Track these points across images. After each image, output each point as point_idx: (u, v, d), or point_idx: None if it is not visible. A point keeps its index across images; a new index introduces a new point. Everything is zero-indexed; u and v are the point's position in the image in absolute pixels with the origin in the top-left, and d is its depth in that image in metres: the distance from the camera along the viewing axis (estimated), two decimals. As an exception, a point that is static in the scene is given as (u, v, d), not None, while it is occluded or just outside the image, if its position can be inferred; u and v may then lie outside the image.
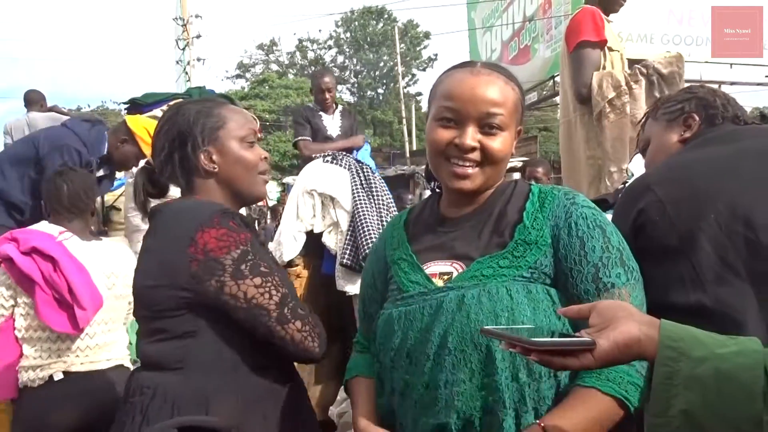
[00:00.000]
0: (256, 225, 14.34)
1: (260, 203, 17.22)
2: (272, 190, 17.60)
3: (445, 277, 1.24)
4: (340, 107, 4.38)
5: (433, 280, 1.25)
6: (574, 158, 3.12)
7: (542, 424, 1.06)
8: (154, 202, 1.56)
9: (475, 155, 1.24)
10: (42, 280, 2.22)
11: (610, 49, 3.09)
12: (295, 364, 1.53)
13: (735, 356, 0.83)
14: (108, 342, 2.40)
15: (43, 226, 2.37)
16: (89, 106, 37.47)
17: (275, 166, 26.99)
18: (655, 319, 0.90)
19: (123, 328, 2.53)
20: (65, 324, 2.24)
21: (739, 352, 0.83)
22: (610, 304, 0.95)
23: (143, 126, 3.28)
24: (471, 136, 1.23)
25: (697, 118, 1.57)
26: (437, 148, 1.27)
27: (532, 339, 0.87)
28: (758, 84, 11.97)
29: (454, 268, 1.25)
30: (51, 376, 2.25)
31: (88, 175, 2.54)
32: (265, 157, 1.56)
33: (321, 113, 4.24)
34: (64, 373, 2.27)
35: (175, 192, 1.59)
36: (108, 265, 2.41)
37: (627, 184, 2.11)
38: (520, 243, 1.21)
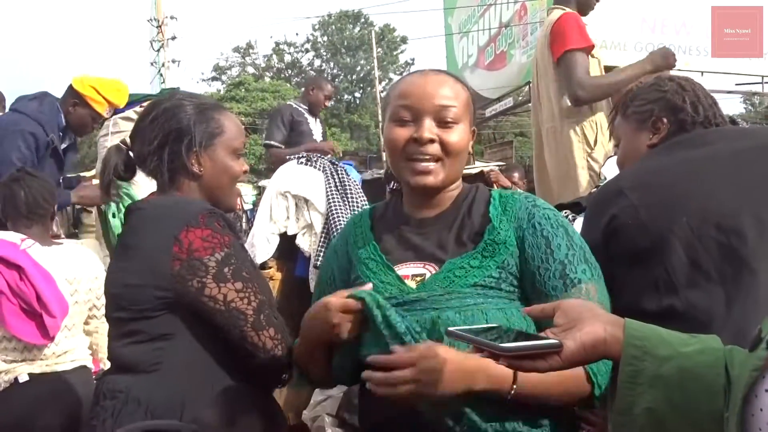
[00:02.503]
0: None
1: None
2: (248, 193, 17.43)
3: (418, 278, 1.25)
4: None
5: (406, 281, 1.25)
6: (567, 165, 3.08)
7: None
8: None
9: (434, 148, 1.26)
10: (8, 289, 2.17)
11: (592, 55, 3.08)
12: None
13: (697, 354, 0.84)
14: (72, 347, 2.37)
15: (4, 235, 2.30)
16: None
17: (251, 170, 26.80)
18: (620, 318, 0.91)
19: (82, 332, 2.49)
20: (35, 334, 2.20)
21: (702, 350, 0.84)
22: (575, 304, 0.96)
23: (89, 85, 3.24)
24: (428, 129, 1.25)
25: (665, 122, 1.57)
26: (396, 147, 1.29)
27: (501, 345, 0.87)
28: (728, 92, 12.18)
29: (426, 269, 1.26)
30: (16, 379, 2.21)
31: (45, 180, 2.47)
32: (245, 171, 1.58)
33: (306, 115, 4.22)
34: (30, 375, 2.23)
35: (140, 179, 1.57)
36: (70, 270, 2.37)
37: (598, 188, 2.12)
38: (490, 243, 1.24)
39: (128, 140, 1.56)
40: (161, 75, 22.17)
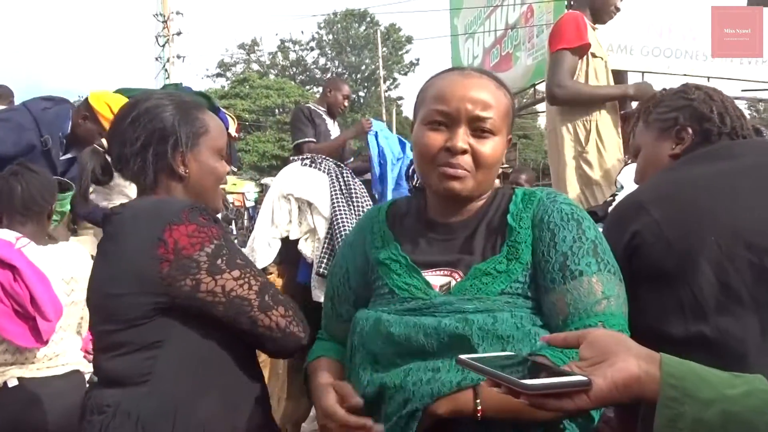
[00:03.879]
0: (234, 225, 14.19)
1: (237, 203, 17.09)
2: (250, 190, 17.43)
3: (444, 287, 1.20)
4: None
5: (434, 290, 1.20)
6: (560, 165, 3.08)
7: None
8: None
9: (466, 159, 1.19)
10: (1, 290, 2.10)
11: (594, 55, 3.06)
12: (265, 376, 1.46)
13: (744, 397, 0.76)
14: (65, 349, 2.29)
15: None
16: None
17: (254, 167, 26.81)
18: (654, 353, 0.83)
19: (75, 333, 2.41)
20: (27, 337, 2.13)
21: (748, 393, 0.76)
22: (603, 335, 0.88)
23: (105, 102, 3.15)
24: (462, 139, 1.19)
25: (690, 132, 1.48)
26: (428, 153, 1.22)
27: (523, 382, 0.78)
28: (735, 98, 12.07)
29: (452, 277, 1.20)
30: (5, 383, 2.15)
31: (45, 177, 2.39)
32: (228, 172, 1.56)
33: (324, 116, 4.16)
34: (19, 379, 2.16)
35: (119, 182, 1.51)
36: (67, 270, 2.29)
37: (616, 198, 2.04)
38: (512, 244, 1.18)
39: (104, 143, 1.50)
40: (166, 70, 22.19)
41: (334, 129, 4.22)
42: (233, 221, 13.88)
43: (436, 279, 1.21)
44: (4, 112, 3.14)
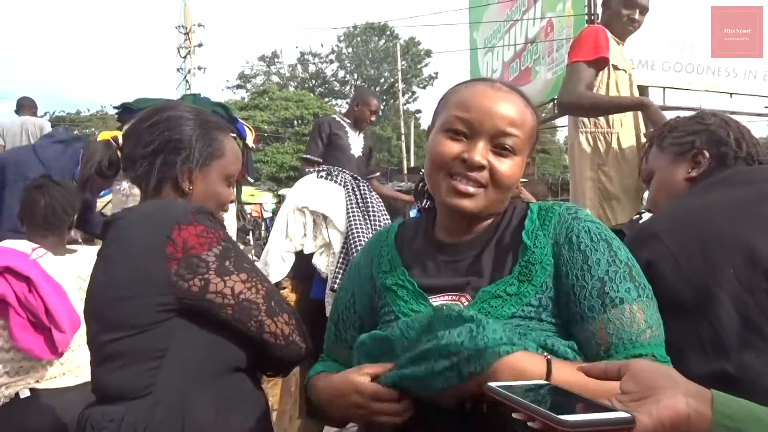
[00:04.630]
0: (251, 236, 14.22)
1: (255, 214, 17.16)
2: (268, 201, 17.50)
3: None
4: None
5: None
6: (579, 178, 3.02)
7: (547, 357, 0.95)
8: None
9: (482, 175, 1.12)
10: (16, 302, 2.09)
11: (616, 68, 3.01)
12: (277, 394, 1.42)
13: None
14: (78, 360, 2.27)
15: (14, 243, 2.22)
16: (89, 110, 37.47)
17: (272, 178, 26.94)
18: (704, 389, 0.76)
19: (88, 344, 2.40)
20: (43, 349, 2.11)
21: None
22: (648, 367, 0.81)
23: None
24: (481, 153, 1.11)
25: (707, 155, 1.44)
26: (441, 161, 1.14)
27: (561, 418, 0.71)
28: (757, 114, 11.93)
29: (460, 302, 1.12)
30: (17, 394, 2.13)
31: (68, 190, 2.39)
32: (232, 201, 1.55)
33: (347, 128, 4.16)
34: (31, 390, 2.15)
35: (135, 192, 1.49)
36: (85, 280, 2.26)
37: (643, 216, 1.98)
38: (525, 265, 1.10)
39: (120, 138, 1.49)
40: (187, 81, 22.44)
41: (357, 141, 4.20)
42: (250, 231, 13.93)
43: (443, 303, 1.13)
44: (12, 154, 3.18)
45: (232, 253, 1.31)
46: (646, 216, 1.95)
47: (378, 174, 4.55)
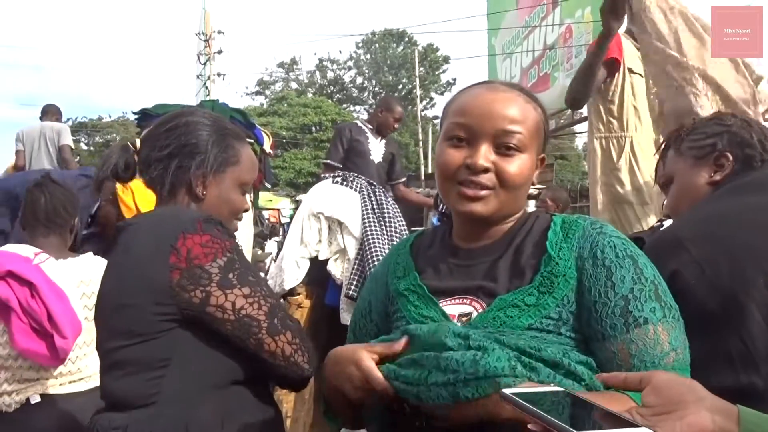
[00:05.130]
0: (268, 241, 14.24)
1: (273, 220, 17.22)
2: (286, 207, 17.56)
3: (464, 318, 1.09)
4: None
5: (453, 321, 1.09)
6: (592, 181, 3.00)
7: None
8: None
9: (488, 178, 1.09)
10: (18, 307, 2.07)
11: (632, 71, 2.97)
12: (291, 401, 1.40)
13: None
14: (87, 365, 2.26)
15: (17, 248, 2.21)
16: (110, 116, 37.92)
17: (290, 183, 27.05)
18: (731, 405, 0.72)
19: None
20: (45, 355, 2.09)
21: None
22: (671, 380, 0.76)
23: (130, 189, 3.16)
24: (484, 156, 1.09)
25: (731, 158, 1.38)
26: (446, 170, 1.12)
27: None
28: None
29: (473, 307, 1.09)
30: (28, 399, 2.12)
31: (68, 189, 2.39)
32: (246, 209, 1.53)
33: (369, 134, 4.15)
34: (42, 396, 2.14)
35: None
36: (88, 285, 2.26)
37: (664, 224, 1.93)
38: (547, 276, 1.06)
39: (137, 142, 1.50)
40: (207, 88, 22.62)
41: (378, 147, 4.19)
42: (268, 237, 13.94)
43: (455, 308, 1.11)
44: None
45: (237, 264, 1.28)
46: (668, 223, 1.89)
47: (404, 179, 4.54)
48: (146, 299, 1.25)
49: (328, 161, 4.05)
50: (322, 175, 3.27)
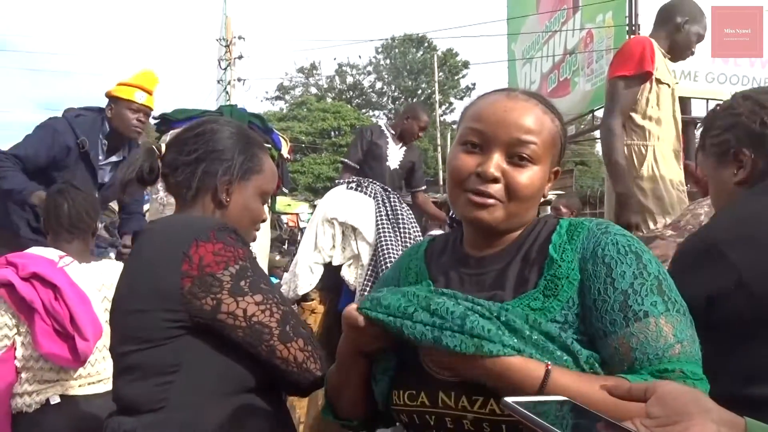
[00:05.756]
0: (285, 246, 14.31)
1: (291, 224, 17.32)
2: (304, 211, 17.64)
3: None
4: None
5: None
6: (610, 190, 2.96)
7: (549, 367, 0.92)
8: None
9: (497, 189, 1.08)
10: (42, 308, 2.11)
11: (659, 82, 2.93)
12: (304, 403, 1.40)
13: None
14: (107, 368, 2.28)
15: (42, 251, 2.26)
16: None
17: (308, 188, 27.15)
18: (737, 418, 0.70)
19: None
20: (66, 356, 2.13)
21: None
22: (676, 390, 0.74)
23: (116, 84, 3.37)
24: (495, 165, 1.07)
25: (748, 153, 1.31)
26: (457, 176, 1.11)
27: None
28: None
29: None
30: (47, 400, 2.16)
31: (90, 194, 2.46)
32: (264, 219, 1.56)
33: (389, 139, 4.15)
34: (61, 396, 2.18)
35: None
36: (109, 289, 2.30)
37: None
38: (551, 279, 1.05)
39: (162, 147, 1.51)
40: (227, 93, 22.78)
41: (397, 153, 4.18)
42: (286, 241, 14.01)
43: None
44: (43, 122, 3.31)
45: (249, 272, 1.29)
46: None
47: (423, 188, 4.52)
48: (157, 305, 1.26)
49: (346, 160, 4.06)
50: (338, 181, 3.27)
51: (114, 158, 3.46)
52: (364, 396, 1.15)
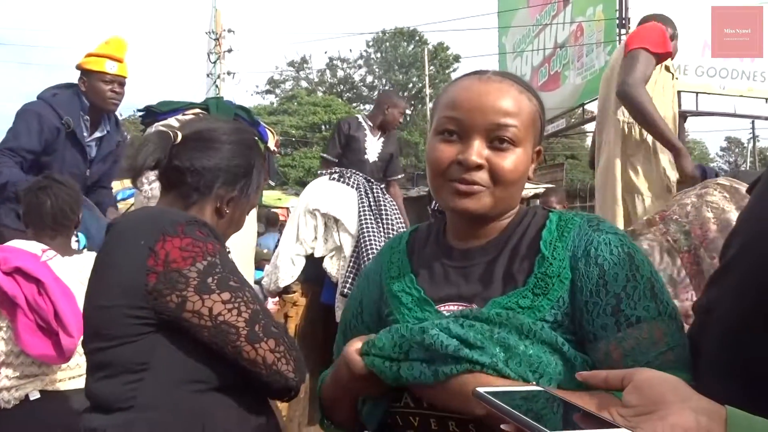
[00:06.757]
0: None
1: (282, 218, 17.28)
2: (295, 205, 17.61)
3: None
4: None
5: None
6: (607, 168, 2.87)
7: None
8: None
9: (482, 175, 1.04)
10: (25, 304, 2.07)
11: (667, 69, 2.92)
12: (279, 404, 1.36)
13: None
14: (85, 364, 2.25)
15: (24, 244, 2.20)
16: (121, 114, 38.10)
17: (299, 182, 27.11)
18: (718, 406, 0.67)
19: None
20: (50, 353, 2.09)
21: None
22: (654, 378, 0.72)
23: (84, 56, 3.30)
24: (477, 152, 1.03)
25: None
26: (438, 167, 1.07)
27: None
28: (796, 120, 11.63)
29: None
30: (27, 396, 2.12)
31: (72, 188, 2.38)
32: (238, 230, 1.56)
33: (367, 131, 4.10)
34: (41, 392, 2.14)
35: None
36: None
37: None
38: (541, 277, 1.02)
39: (179, 135, 1.40)
40: (217, 86, 22.62)
41: (375, 145, 4.12)
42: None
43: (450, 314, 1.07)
44: (20, 108, 3.23)
45: (218, 269, 1.25)
46: None
47: (400, 177, 4.47)
48: (123, 302, 1.23)
49: (325, 155, 4.02)
50: (319, 172, 3.23)
51: (98, 134, 3.42)
52: (357, 414, 1.12)
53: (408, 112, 38.50)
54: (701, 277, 1.57)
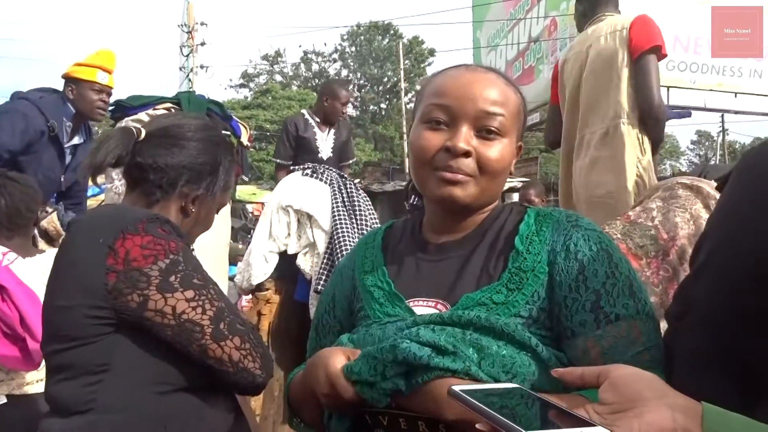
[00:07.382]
0: (250, 235, 14.18)
1: (257, 213, 17.18)
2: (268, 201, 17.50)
3: None
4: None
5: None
6: (619, 170, 2.66)
7: None
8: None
9: (469, 164, 1.03)
10: None
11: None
12: (260, 399, 1.34)
13: None
14: (57, 364, 2.21)
15: None
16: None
17: (273, 177, 27.00)
18: (694, 403, 0.67)
19: None
20: (17, 360, 2.03)
21: None
22: (630, 375, 0.71)
23: (74, 64, 3.31)
24: (465, 139, 1.03)
25: None
26: (424, 155, 1.05)
27: None
28: (762, 114, 11.83)
29: (438, 309, 1.03)
30: (-7, 401, 2.07)
31: (29, 185, 2.31)
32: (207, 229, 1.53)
33: (315, 128, 4.03)
34: (8, 396, 2.08)
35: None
36: None
37: None
38: (515, 272, 1.01)
39: (142, 131, 1.38)
40: (190, 80, 22.35)
41: (327, 140, 4.05)
42: (252, 230, 13.89)
43: (421, 310, 1.05)
44: (3, 105, 3.20)
45: (181, 267, 1.22)
46: None
47: (351, 161, 4.36)
48: (82, 302, 1.19)
49: (279, 161, 3.94)
50: (300, 167, 3.18)
51: (76, 140, 3.40)
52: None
53: (383, 106, 38.47)
54: (670, 283, 1.57)
